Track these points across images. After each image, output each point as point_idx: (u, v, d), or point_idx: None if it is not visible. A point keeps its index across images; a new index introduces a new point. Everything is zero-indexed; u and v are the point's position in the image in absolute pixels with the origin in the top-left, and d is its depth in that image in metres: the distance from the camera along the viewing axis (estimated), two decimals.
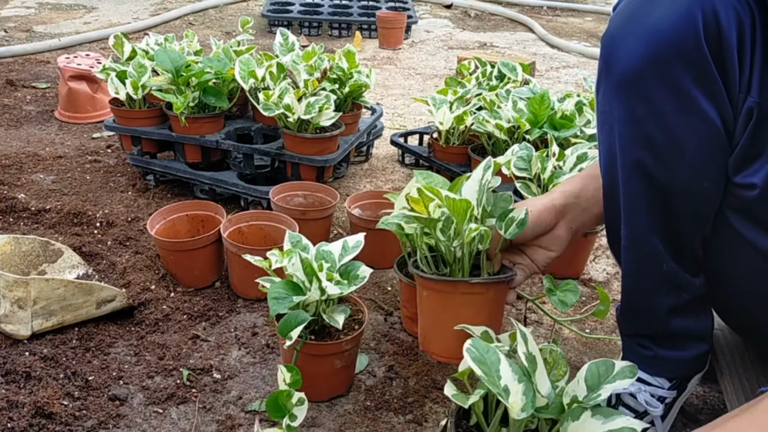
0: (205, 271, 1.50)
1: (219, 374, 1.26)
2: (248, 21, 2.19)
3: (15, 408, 1.12)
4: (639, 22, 0.85)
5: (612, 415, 0.81)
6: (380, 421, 1.17)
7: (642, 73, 0.85)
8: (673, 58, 0.83)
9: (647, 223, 0.95)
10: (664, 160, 0.89)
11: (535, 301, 1.34)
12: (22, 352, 1.26)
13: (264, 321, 1.41)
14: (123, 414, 1.15)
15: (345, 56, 1.93)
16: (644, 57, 0.85)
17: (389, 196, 1.35)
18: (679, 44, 0.82)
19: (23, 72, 2.99)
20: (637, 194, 0.94)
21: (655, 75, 0.85)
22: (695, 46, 0.81)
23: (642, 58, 0.85)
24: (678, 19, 0.81)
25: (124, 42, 1.98)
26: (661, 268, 0.98)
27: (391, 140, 2.22)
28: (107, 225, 1.74)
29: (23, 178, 1.99)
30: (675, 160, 0.89)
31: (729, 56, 0.81)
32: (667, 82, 0.84)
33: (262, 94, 1.73)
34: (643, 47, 0.84)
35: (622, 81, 0.88)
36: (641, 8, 0.86)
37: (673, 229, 0.95)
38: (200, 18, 4.15)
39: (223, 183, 1.81)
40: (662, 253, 0.97)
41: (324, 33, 3.89)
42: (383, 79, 3.14)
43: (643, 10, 0.85)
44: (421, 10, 4.69)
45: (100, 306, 1.34)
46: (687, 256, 0.98)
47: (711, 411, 1.22)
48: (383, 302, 1.50)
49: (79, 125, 2.45)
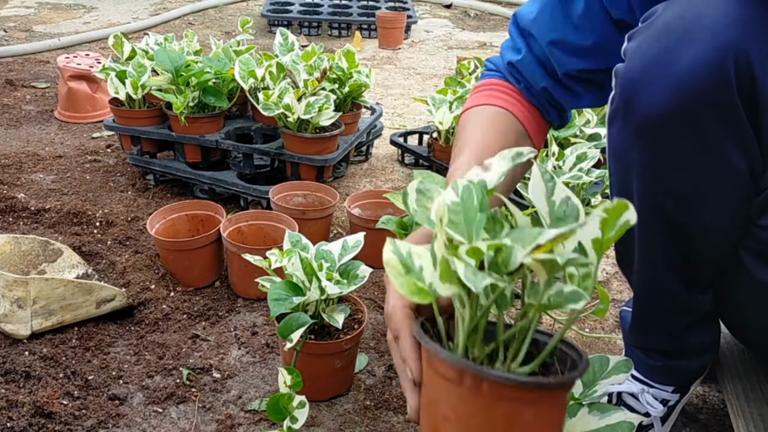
0: (204, 270, 1.50)
1: (219, 374, 1.26)
2: (248, 21, 2.19)
3: (14, 407, 1.12)
4: (666, 68, 0.78)
5: (609, 411, 0.81)
6: (380, 420, 1.17)
7: (668, 123, 0.80)
8: (702, 110, 0.77)
9: (664, 261, 0.93)
10: (687, 209, 0.86)
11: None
12: (21, 352, 1.26)
13: (264, 320, 1.41)
14: (123, 413, 1.15)
15: (345, 56, 1.94)
16: (671, 107, 0.79)
17: (389, 195, 1.36)
18: (710, 95, 0.76)
19: (23, 72, 2.98)
20: (655, 233, 0.91)
21: (682, 127, 0.79)
22: (727, 97, 0.76)
23: (669, 108, 0.79)
24: (709, 69, 0.75)
25: (123, 42, 1.98)
26: (675, 300, 0.97)
27: (391, 140, 2.22)
28: (107, 225, 1.74)
29: (23, 178, 1.99)
30: (698, 209, 0.86)
31: (763, 104, 0.76)
32: (695, 134, 0.79)
33: (262, 94, 1.73)
34: (671, 96, 0.78)
35: (645, 127, 0.82)
36: (668, 53, 0.78)
37: (691, 268, 0.94)
38: (200, 18, 4.15)
39: (222, 183, 1.81)
40: (678, 287, 0.96)
41: (324, 33, 3.89)
42: (383, 79, 3.14)
43: (671, 56, 0.78)
44: (421, 10, 4.69)
45: (100, 305, 1.34)
46: (701, 284, 0.97)
47: (711, 411, 1.22)
48: (383, 302, 1.50)
49: (78, 125, 2.45)
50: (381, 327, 1.42)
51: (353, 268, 1.19)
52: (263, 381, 1.25)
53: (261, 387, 1.23)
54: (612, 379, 0.85)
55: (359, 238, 1.23)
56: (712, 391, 1.26)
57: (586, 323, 1.48)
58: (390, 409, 1.19)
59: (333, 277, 1.14)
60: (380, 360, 1.32)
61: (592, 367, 0.86)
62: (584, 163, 1.55)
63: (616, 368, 0.86)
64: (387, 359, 1.32)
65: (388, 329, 0.70)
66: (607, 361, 0.87)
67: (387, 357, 1.32)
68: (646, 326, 1.05)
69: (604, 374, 0.85)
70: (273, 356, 1.31)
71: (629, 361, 0.86)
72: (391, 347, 0.71)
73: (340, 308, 1.17)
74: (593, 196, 1.58)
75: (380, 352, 1.34)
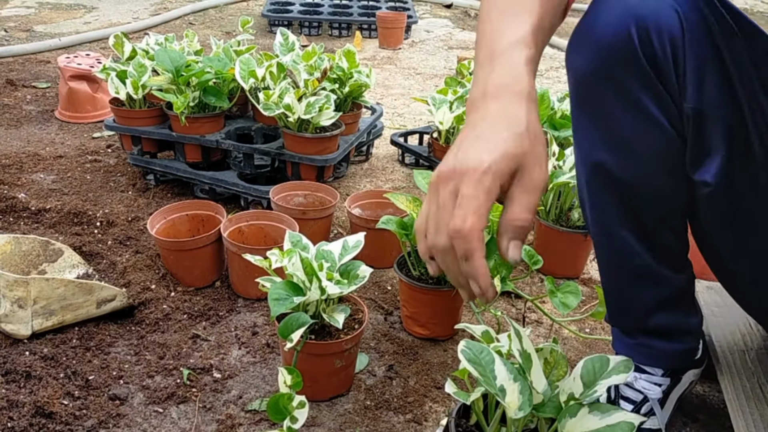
0: (205, 270, 1.50)
1: (219, 374, 1.26)
2: (248, 21, 2.19)
3: (15, 407, 1.12)
4: (586, 33, 0.88)
5: (609, 411, 0.81)
6: (380, 420, 1.17)
7: (591, 82, 0.89)
8: (616, 69, 0.86)
9: (614, 218, 0.98)
10: (621, 160, 0.92)
11: (535, 301, 1.34)
12: (22, 352, 1.26)
13: (264, 320, 1.41)
14: (123, 413, 1.15)
15: (345, 56, 1.94)
16: (592, 66, 0.88)
17: (389, 195, 1.36)
18: (621, 56, 0.85)
19: (23, 72, 2.99)
20: (601, 193, 0.97)
21: (604, 85, 0.88)
22: (635, 59, 0.84)
23: (590, 67, 0.88)
24: (616, 32, 0.84)
25: (124, 42, 1.98)
26: (633, 262, 1.01)
27: (391, 140, 2.22)
28: (107, 225, 1.74)
29: (23, 178, 1.99)
30: (635, 166, 0.92)
31: (665, 66, 0.84)
32: (617, 92, 0.87)
33: (263, 94, 1.73)
34: (590, 56, 0.87)
35: (576, 88, 0.92)
36: (588, 18, 0.89)
37: (640, 224, 0.98)
38: (200, 18, 4.15)
39: (223, 183, 1.81)
40: (633, 247, 0.99)
41: (324, 33, 3.89)
42: (383, 79, 3.14)
43: (589, 21, 0.88)
44: (421, 10, 4.69)
45: (101, 305, 1.34)
46: (662, 252, 1.01)
47: (711, 411, 1.22)
48: (383, 302, 1.50)
49: (79, 125, 2.45)
50: (381, 327, 1.42)
51: (354, 268, 1.19)
52: (264, 381, 1.25)
53: (261, 387, 1.24)
54: (612, 379, 0.85)
55: (359, 238, 1.23)
56: (712, 391, 1.26)
57: (586, 324, 1.48)
58: (390, 409, 1.20)
59: (333, 277, 1.14)
60: (381, 360, 1.32)
61: (593, 367, 0.87)
62: None
63: (616, 368, 0.86)
64: (387, 359, 1.32)
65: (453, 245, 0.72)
66: (607, 362, 0.87)
67: (387, 357, 1.33)
68: (615, 297, 1.08)
69: (604, 374, 0.86)
70: (273, 356, 1.31)
71: (629, 361, 0.86)
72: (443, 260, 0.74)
73: (341, 308, 1.18)
74: None
75: (380, 352, 1.34)
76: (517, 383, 0.81)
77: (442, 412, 1.20)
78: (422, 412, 1.19)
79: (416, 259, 1.37)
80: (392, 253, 1.52)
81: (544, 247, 1.58)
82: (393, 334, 1.40)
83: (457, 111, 1.89)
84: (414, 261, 1.36)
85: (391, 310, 1.47)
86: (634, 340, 1.10)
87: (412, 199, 1.35)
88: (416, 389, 1.24)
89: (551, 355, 0.90)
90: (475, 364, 0.81)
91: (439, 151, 2.02)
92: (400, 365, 1.30)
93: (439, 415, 1.19)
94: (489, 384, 0.80)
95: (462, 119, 1.90)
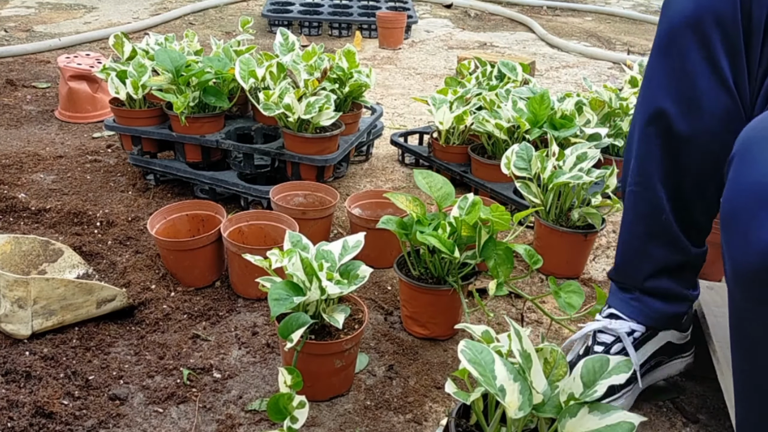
0: (205, 270, 1.50)
1: (219, 374, 1.26)
2: (248, 21, 2.19)
3: (15, 407, 1.12)
4: None
5: (609, 411, 0.81)
6: (380, 420, 1.17)
7: (682, 30, 0.96)
8: (711, 23, 0.93)
9: (657, 171, 1.05)
10: (683, 113, 0.99)
11: (535, 300, 1.34)
12: (22, 352, 1.26)
13: (264, 320, 1.41)
14: (123, 413, 1.15)
15: (345, 56, 1.94)
16: (688, 14, 0.95)
17: (389, 195, 1.36)
18: (718, 11, 0.92)
19: (23, 72, 2.99)
20: (652, 139, 1.03)
21: (692, 35, 0.95)
22: (732, 17, 0.91)
23: (685, 17, 0.95)
24: None
25: (124, 42, 1.98)
26: (660, 218, 1.07)
27: (391, 140, 2.22)
28: (107, 225, 1.74)
29: (23, 178, 1.99)
30: (693, 116, 0.98)
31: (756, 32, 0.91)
32: (701, 44, 0.95)
33: (263, 94, 1.73)
34: (690, 5, 0.95)
35: (666, 34, 0.99)
36: None
37: (679, 186, 1.04)
38: (200, 18, 4.15)
39: (223, 183, 1.81)
40: (664, 203, 1.06)
41: (324, 33, 3.89)
42: (383, 79, 3.15)
43: None
44: (421, 9, 4.70)
45: (101, 305, 1.35)
46: (688, 222, 1.07)
47: (711, 411, 1.22)
48: (383, 302, 1.50)
49: (79, 125, 2.45)
50: (381, 327, 1.42)
51: (353, 268, 1.19)
52: (264, 381, 1.25)
53: (261, 387, 1.24)
54: (612, 379, 0.85)
55: (359, 238, 1.23)
56: (712, 391, 1.26)
57: (585, 323, 1.48)
58: (390, 409, 1.20)
59: (333, 277, 1.14)
60: (380, 360, 1.32)
61: (593, 366, 0.87)
62: (584, 163, 1.54)
63: (617, 368, 0.86)
64: (387, 359, 1.32)
65: None
66: (607, 362, 0.87)
67: (387, 357, 1.33)
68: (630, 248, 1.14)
69: (604, 374, 0.86)
70: (273, 356, 1.31)
71: (629, 361, 0.87)
72: None
73: (341, 308, 1.18)
74: (593, 196, 1.58)
75: (381, 352, 1.34)
76: (517, 383, 0.81)
77: (442, 412, 1.20)
78: (422, 412, 1.19)
79: (416, 259, 1.37)
80: (392, 253, 1.52)
81: (544, 247, 1.58)
82: (393, 334, 1.40)
83: (457, 111, 1.89)
84: (414, 261, 1.36)
85: (391, 310, 1.47)
86: (631, 295, 1.16)
87: (412, 199, 1.35)
88: (416, 389, 1.24)
89: (551, 355, 0.90)
90: (475, 364, 0.81)
91: (439, 151, 2.02)
92: (400, 365, 1.30)
93: (439, 414, 1.19)
94: (489, 384, 0.80)
95: (462, 119, 1.90)
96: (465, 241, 1.30)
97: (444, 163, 2.00)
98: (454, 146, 1.98)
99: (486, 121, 1.83)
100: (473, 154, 1.91)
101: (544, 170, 1.54)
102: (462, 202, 1.31)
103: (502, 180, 1.82)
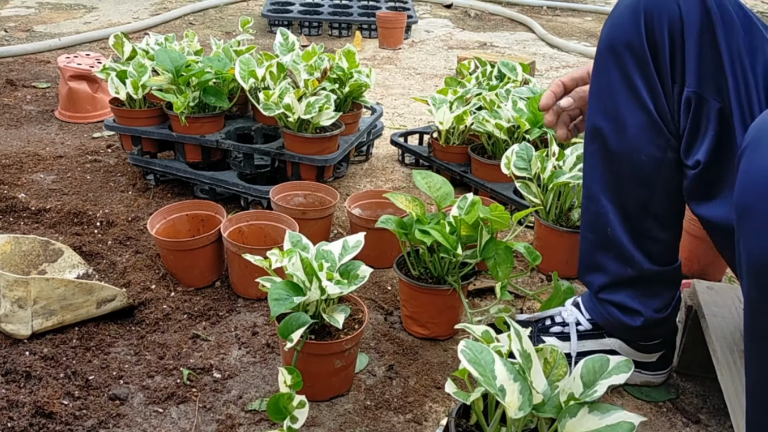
0: (205, 270, 1.50)
1: (219, 374, 1.26)
2: (248, 21, 2.19)
3: (15, 407, 1.12)
4: (614, 8, 1.05)
5: (609, 411, 0.81)
6: (380, 420, 1.17)
7: (605, 53, 1.06)
8: (622, 47, 1.02)
9: (599, 183, 1.11)
10: (613, 130, 1.07)
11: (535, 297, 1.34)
12: (22, 352, 1.26)
13: (264, 320, 1.41)
14: (123, 413, 1.15)
15: (345, 56, 1.94)
16: (607, 38, 1.05)
17: (389, 195, 1.36)
18: (627, 37, 1.01)
19: (23, 72, 2.99)
20: (594, 156, 1.11)
21: (612, 56, 1.04)
22: (638, 41, 1.00)
23: (606, 40, 1.05)
24: (629, 16, 1.01)
25: (124, 42, 1.98)
26: (606, 231, 1.12)
27: (391, 140, 2.22)
28: (107, 225, 1.74)
29: (23, 178, 1.99)
30: (620, 132, 1.06)
31: (662, 54, 0.99)
32: (618, 65, 1.03)
33: (263, 94, 1.73)
34: (608, 32, 1.05)
35: (596, 56, 1.08)
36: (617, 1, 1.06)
37: (620, 196, 1.10)
38: (200, 18, 4.16)
39: (223, 183, 1.81)
40: (609, 216, 1.11)
41: (324, 33, 3.89)
42: (383, 79, 3.15)
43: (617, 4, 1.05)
44: (421, 10, 4.70)
45: (101, 305, 1.35)
46: (640, 236, 1.10)
47: (711, 411, 1.22)
48: (383, 302, 1.50)
49: (79, 125, 2.45)
50: (381, 327, 1.42)
51: (353, 268, 1.19)
52: (264, 381, 1.25)
53: (261, 387, 1.24)
54: (613, 379, 0.85)
55: (359, 238, 1.23)
56: (712, 391, 1.26)
57: None
58: (390, 409, 1.20)
59: (333, 277, 1.14)
60: (381, 360, 1.32)
61: (593, 366, 0.87)
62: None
63: (617, 368, 0.86)
64: (387, 359, 1.32)
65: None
66: (607, 362, 0.87)
67: (387, 357, 1.33)
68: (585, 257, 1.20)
69: (604, 374, 0.86)
70: (273, 356, 1.31)
71: (629, 361, 0.86)
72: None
73: (341, 308, 1.18)
74: None
75: (380, 352, 1.34)
76: (517, 383, 0.81)
77: (442, 412, 1.20)
78: (422, 412, 1.19)
79: (416, 259, 1.37)
80: (392, 253, 1.52)
81: (544, 247, 1.58)
82: (393, 334, 1.40)
83: (457, 111, 1.89)
84: (414, 261, 1.36)
85: (391, 310, 1.47)
86: (595, 298, 1.20)
87: (411, 199, 1.35)
88: (416, 389, 1.24)
89: (551, 355, 0.90)
90: (475, 364, 0.81)
91: (439, 151, 2.02)
92: (400, 365, 1.30)
93: (439, 414, 1.19)
94: (489, 384, 0.80)
95: (462, 119, 1.90)
96: (464, 241, 1.30)
97: (444, 163, 2.00)
98: (454, 146, 1.98)
99: (486, 121, 1.83)
100: (473, 154, 1.91)
101: (544, 170, 1.54)
102: (461, 201, 1.31)
103: (502, 180, 1.82)
